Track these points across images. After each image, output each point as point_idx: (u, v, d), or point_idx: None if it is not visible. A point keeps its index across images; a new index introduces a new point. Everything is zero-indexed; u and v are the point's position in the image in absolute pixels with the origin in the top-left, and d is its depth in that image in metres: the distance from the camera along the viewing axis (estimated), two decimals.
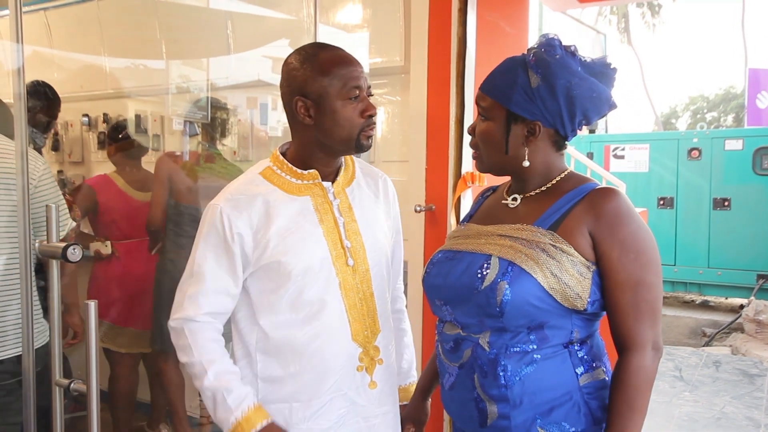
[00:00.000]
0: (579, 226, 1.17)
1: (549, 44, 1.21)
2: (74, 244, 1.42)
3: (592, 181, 1.25)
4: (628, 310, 1.16)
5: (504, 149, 1.24)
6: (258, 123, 3.51)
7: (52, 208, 1.43)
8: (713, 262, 7.18)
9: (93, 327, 1.38)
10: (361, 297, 1.37)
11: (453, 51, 2.31)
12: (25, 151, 1.52)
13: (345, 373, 1.35)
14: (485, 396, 1.20)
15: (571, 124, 1.22)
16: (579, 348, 1.20)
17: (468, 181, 2.30)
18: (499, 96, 1.23)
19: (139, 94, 3.65)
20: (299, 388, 1.33)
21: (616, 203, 1.17)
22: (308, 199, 1.35)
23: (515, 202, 1.29)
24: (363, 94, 1.32)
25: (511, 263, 1.16)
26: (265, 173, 1.37)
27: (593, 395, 1.20)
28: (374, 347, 1.39)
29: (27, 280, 1.53)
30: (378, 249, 1.42)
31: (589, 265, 1.17)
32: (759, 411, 4.14)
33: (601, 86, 1.21)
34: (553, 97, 1.19)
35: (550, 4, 3.30)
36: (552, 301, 1.15)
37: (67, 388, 1.45)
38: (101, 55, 3.64)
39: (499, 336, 1.18)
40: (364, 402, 1.38)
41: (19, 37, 1.48)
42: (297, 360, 1.32)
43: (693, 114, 24.78)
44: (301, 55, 1.32)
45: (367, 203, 1.43)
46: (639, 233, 1.17)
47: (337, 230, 1.36)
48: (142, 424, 3.05)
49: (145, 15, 3.44)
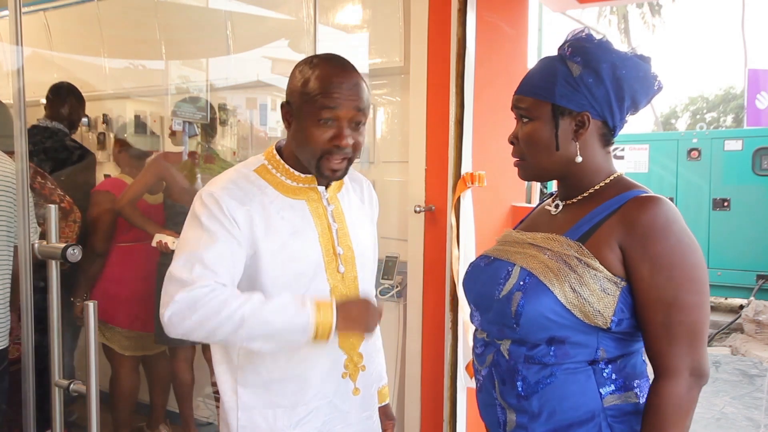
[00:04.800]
0: (609, 239, 1.10)
1: (582, 33, 1.16)
2: (74, 245, 1.42)
3: (638, 188, 1.16)
4: (660, 332, 1.07)
5: (554, 146, 1.16)
6: (258, 124, 3.51)
7: (52, 209, 1.43)
8: (713, 262, 7.17)
9: (93, 327, 1.38)
10: None
11: (453, 51, 2.31)
12: (24, 151, 1.52)
13: (330, 380, 1.34)
14: (504, 403, 1.18)
15: (620, 111, 1.15)
16: (605, 366, 1.12)
17: (467, 181, 2.30)
18: (541, 93, 1.16)
19: (139, 95, 3.65)
20: (284, 394, 1.31)
21: (652, 215, 1.07)
22: (304, 203, 1.33)
23: (557, 209, 1.24)
24: (341, 122, 1.25)
25: (530, 274, 1.12)
26: (260, 171, 1.33)
27: (619, 419, 1.11)
28: (358, 354, 1.38)
29: (27, 280, 1.53)
30: (366, 256, 1.41)
31: (617, 281, 1.09)
32: (759, 411, 4.14)
33: (646, 65, 1.15)
34: (599, 81, 1.12)
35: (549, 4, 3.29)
36: (571, 317, 1.09)
37: (67, 388, 1.45)
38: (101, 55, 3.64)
39: (518, 346, 1.15)
40: (348, 408, 1.37)
41: (19, 38, 1.49)
42: (282, 365, 1.30)
43: (692, 114, 24.78)
44: (306, 62, 1.31)
45: (355, 209, 1.43)
46: (677, 249, 1.06)
47: (330, 236, 1.34)
48: (142, 424, 3.05)
49: (145, 15, 3.44)
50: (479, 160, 2.39)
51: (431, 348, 2.44)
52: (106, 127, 3.77)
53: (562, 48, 1.18)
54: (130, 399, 2.87)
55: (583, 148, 1.17)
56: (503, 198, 2.76)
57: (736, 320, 6.40)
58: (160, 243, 2.66)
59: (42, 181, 2.18)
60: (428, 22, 2.41)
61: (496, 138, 2.44)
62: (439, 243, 2.40)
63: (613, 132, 1.19)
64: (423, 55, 2.43)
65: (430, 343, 2.45)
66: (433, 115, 2.41)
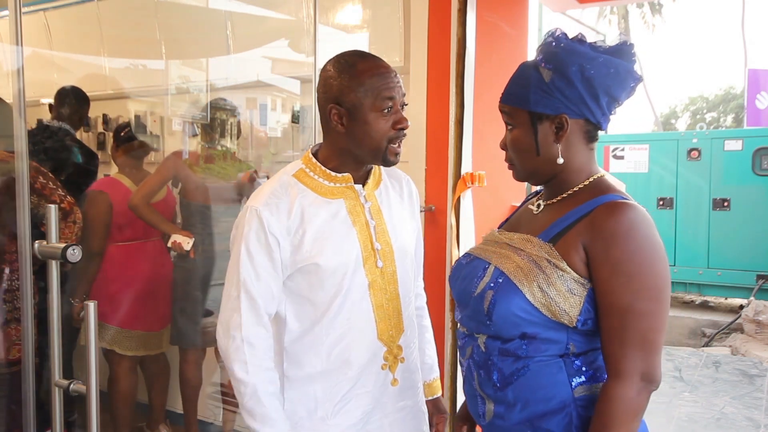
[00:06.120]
0: (576, 242, 1.13)
1: (552, 37, 1.19)
2: (74, 245, 1.42)
3: (612, 193, 1.17)
4: (614, 336, 1.10)
5: (535, 151, 1.21)
6: (258, 124, 3.51)
7: (51, 209, 1.43)
8: (713, 262, 7.17)
9: (93, 327, 1.38)
10: (388, 298, 1.40)
11: (453, 51, 2.31)
12: (25, 151, 1.52)
13: (370, 371, 1.39)
14: (483, 393, 1.23)
15: (599, 108, 1.17)
16: (576, 359, 1.17)
17: (467, 181, 2.30)
18: (517, 100, 1.22)
19: (139, 95, 3.65)
20: (325, 386, 1.36)
21: (617, 220, 1.09)
22: (342, 202, 1.38)
23: (538, 209, 1.27)
24: (396, 107, 1.33)
25: (502, 273, 1.16)
26: (299, 175, 1.39)
27: (589, 409, 1.16)
28: (398, 346, 1.43)
29: (27, 280, 1.53)
30: (404, 251, 1.45)
31: (584, 283, 1.12)
32: (759, 411, 4.14)
33: (617, 60, 1.15)
34: (570, 85, 1.15)
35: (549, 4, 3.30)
36: (540, 315, 1.13)
37: (67, 388, 1.45)
38: (101, 55, 3.64)
39: (493, 340, 1.19)
40: (386, 399, 1.42)
41: (19, 38, 1.49)
42: (325, 358, 1.35)
43: (692, 114, 24.80)
44: (340, 63, 1.34)
45: (394, 205, 1.47)
46: (636, 255, 1.08)
47: (368, 232, 1.39)
48: (142, 424, 3.05)
49: (145, 15, 3.45)
50: (479, 160, 2.40)
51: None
52: (105, 127, 3.77)
53: (537, 54, 1.21)
54: (129, 399, 2.87)
55: (567, 148, 1.20)
56: (503, 198, 2.76)
57: (736, 320, 6.40)
58: (174, 243, 2.67)
59: (44, 181, 2.18)
60: (428, 22, 2.41)
61: (496, 138, 2.43)
62: (439, 243, 2.40)
63: (598, 127, 1.21)
64: (423, 55, 2.43)
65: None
66: (433, 115, 2.41)
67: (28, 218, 1.51)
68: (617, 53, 1.17)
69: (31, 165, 1.73)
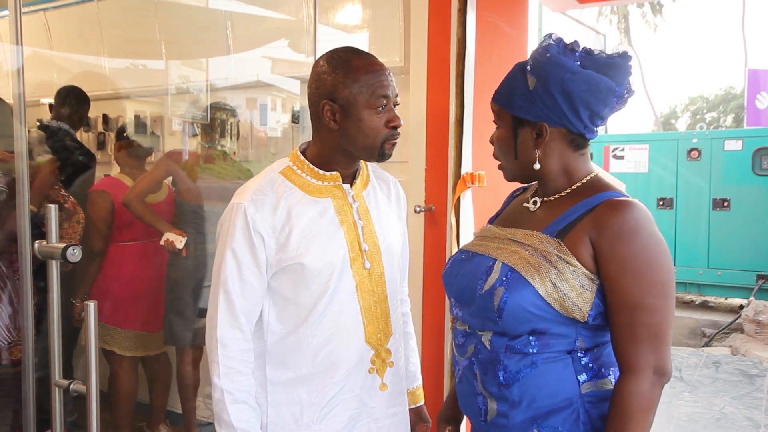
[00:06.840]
0: (583, 238, 1.14)
1: (543, 45, 1.21)
2: (74, 245, 1.42)
3: (612, 190, 1.19)
4: (624, 332, 1.12)
5: (514, 154, 1.24)
6: (258, 124, 3.52)
7: (51, 209, 1.43)
8: (713, 262, 7.17)
9: (93, 327, 1.38)
10: (375, 300, 1.38)
11: (453, 51, 2.31)
12: (25, 151, 1.52)
13: (357, 374, 1.36)
14: (485, 392, 1.21)
15: (580, 121, 1.18)
16: (583, 355, 1.17)
17: (467, 181, 2.30)
18: (503, 102, 1.24)
19: (139, 95, 3.65)
20: (311, 390, 1.34)
21: (622, 217, 1.11)
22: (329, 201, 1.36)
23: (535, 206, 1.28)
24: (390, 105, 1.33)
25: (512, 269, 1.16)
26: (286, 172, 1.36)
27: (595, 404, 1.17)
28: (386, 350, 1.40)
29: (27, 280, 1.53)
30: (391, 252, 1.43)
31: (594, 278, 1.13)
32: (759, 411, 4.14)
33: (599, 77, 1.16)
34: (550, 96, 1.16)
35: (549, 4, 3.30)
36: (551, 310, 1.13)
37: (67, 388, 1.45)
38: (101, 55, 3.64)
39: (500, 337, 1.19)
40: (375, 404, 1.40)
41: (19, 38, 1.49)
42: (311, 361, 1.33)
43: (693, 114, 24.78)
44: (334, 59, 1.32)
45: (382, 207, 1.45)
46: (643, 252, 1.10)
47: (356, 233, 1.37)
48: (142, 424, 3.05)
49: (145, 15, 3.44)
50: (479, 160, 2.39)
51: (431, 348, 2.44)
52: (105, 127, 3.77)
53: (530, 55, 1.23)
54: (129, 399, 2.87)
55: (549, 154, 1.22)
56: (503, 198, 2.75)
57: (736, 320, 6.40)
58: (167, 241, 2.66)
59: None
60: (428, 22, 2.41)
61: None
62: (439, 243, 2.40)
63: (582, 137, 1.21)
64: (423, 55, 2.42)
65: (430, 343, 2.45)
66: (433, 115, 2.41)
67: (28, 218, 1.51)
68: (606, 67, 1.18)
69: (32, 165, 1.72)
